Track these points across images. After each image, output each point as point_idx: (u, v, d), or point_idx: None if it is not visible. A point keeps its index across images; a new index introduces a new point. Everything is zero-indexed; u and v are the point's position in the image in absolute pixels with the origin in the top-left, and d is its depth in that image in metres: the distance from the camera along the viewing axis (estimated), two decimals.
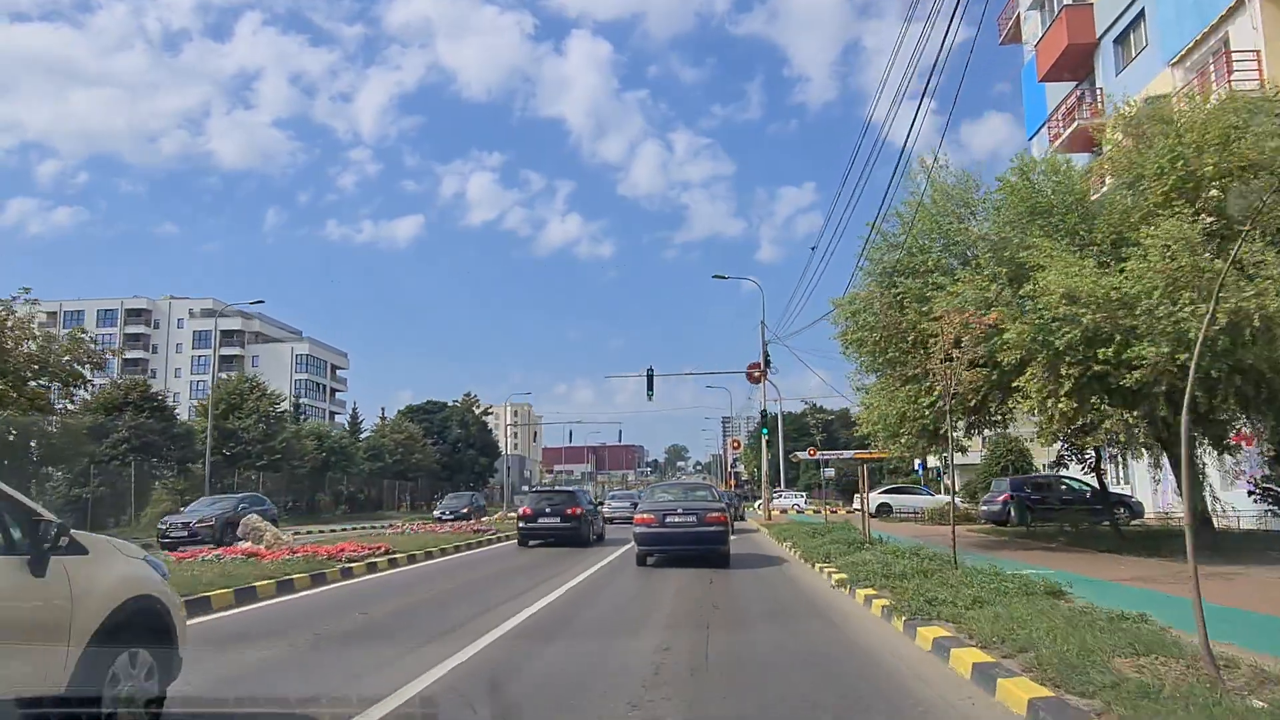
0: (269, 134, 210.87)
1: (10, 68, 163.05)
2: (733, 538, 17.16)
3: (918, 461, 54.86)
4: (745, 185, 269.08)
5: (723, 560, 14.97)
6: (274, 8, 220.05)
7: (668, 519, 14.92)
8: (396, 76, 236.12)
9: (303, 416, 62.37)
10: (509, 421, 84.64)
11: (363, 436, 68.16)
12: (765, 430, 33.56)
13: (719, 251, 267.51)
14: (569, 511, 20.37)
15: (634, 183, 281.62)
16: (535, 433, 72.20)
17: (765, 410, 33.89)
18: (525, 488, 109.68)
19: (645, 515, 15.16)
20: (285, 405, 51.71)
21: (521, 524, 20.85)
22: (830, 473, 74.94)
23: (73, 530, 4.15)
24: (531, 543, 20.37)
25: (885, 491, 38.75)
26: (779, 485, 70.85)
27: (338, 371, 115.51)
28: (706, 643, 7.53)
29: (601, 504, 30.55)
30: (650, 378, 34.33)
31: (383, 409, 77.79)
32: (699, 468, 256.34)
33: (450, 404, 79.49)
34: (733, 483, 78.18)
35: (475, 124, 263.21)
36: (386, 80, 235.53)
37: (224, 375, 51.07)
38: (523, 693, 5.77)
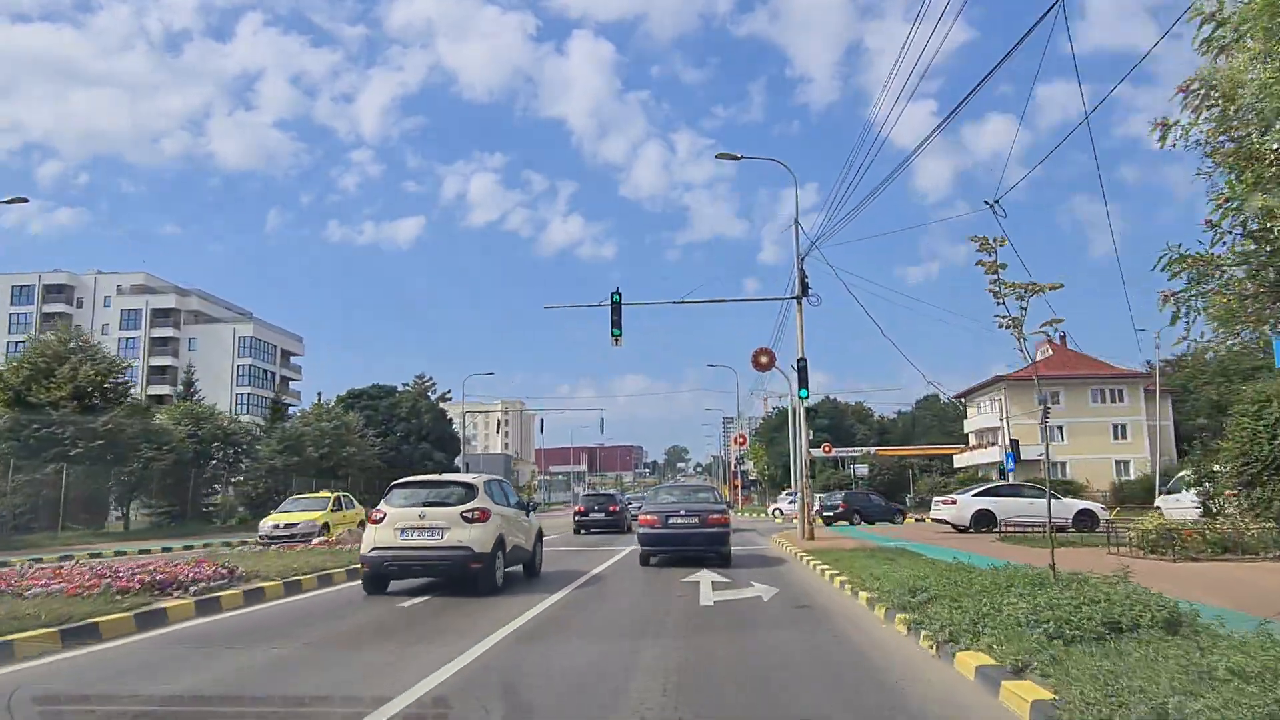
0: (271, 135, 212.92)
1: (11, 68, 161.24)
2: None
3: (1006, 453, 41.47)
4: (748, 186, 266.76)
5: (723, 561, 14.88)
6: (275, 8, 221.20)
7: (671, 520, 15.11)
8: (398, 77, 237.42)
9: (195, 397, 49.09)
10: (465, 412, 70.97)
11: (287, 424, 54.97)
12: (805, 392, 20.34)
13: (721, 252, 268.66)
14: (610, 509, 28.63)
15: (636, 184, 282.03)
16: (499, 422, 58.42)
17: (803, 360, 20.68)
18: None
19: (649, 516, 15.37)
20: (134, 375, 38.47)
21: (576, 517, 28.10)
22: (863, 470, 61.59)
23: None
24: (581, 531, 27.08)
25: (982, 493, 25.56)
26: (789, 486, 58.68)
27: (291, 358, 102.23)
28: None
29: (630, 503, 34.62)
30: (616, 307, 21.23)
31: (319, 394, 64.65)
32: (699, 469, 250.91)
33: (400, 389, 66.26)
34: (738, 483, 65.01)
35: (477, 125, 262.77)
36: (388, 81, 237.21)
37: (47, 335, 37.57)
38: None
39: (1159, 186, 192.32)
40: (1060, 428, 62.99)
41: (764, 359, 29.87)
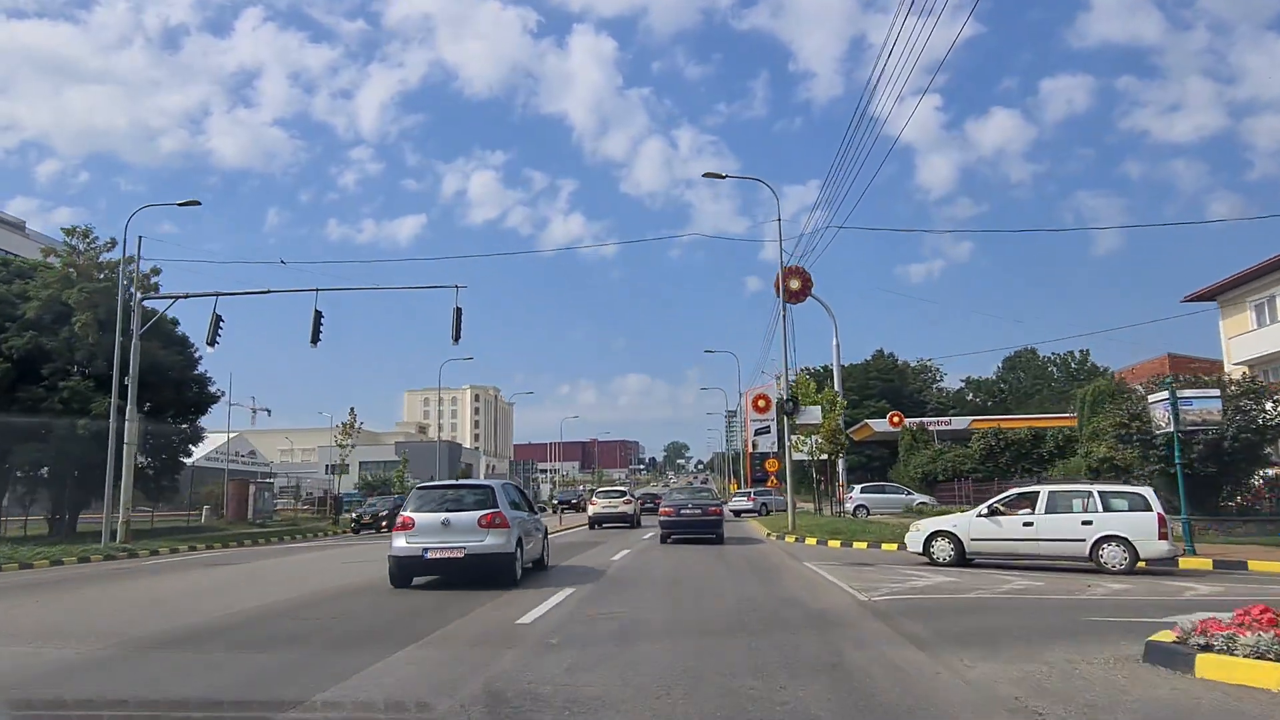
0: (269, 132, 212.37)
1: (8, 65, 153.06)
2: None
3: None
4: (749, 183, 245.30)
5: (719, 540, 21.59)
6: (274, 4, 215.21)
7: (682, 511, 22.03)
8: (398, 74, 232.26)
9: None
10: (165, 303, 37.43)
11: None
12: None
13: (723, 250, 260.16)
14: (656, 501, 37.26)
15: (637, 181, 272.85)
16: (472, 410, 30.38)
17: None
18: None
19: (667, 509, 22.54)
20: None
21: (641, 505, 37.93)
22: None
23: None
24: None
25: None
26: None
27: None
28: None
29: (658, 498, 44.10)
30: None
31: None
32: (700, 466, 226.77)
33: (49, 262, 30.75)
34: (777, 466, 30.54)
35: (477, 121, 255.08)
36: (388, 78, 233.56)
37: None
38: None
39: None
40: None
41: (795, 283, 26.77)
